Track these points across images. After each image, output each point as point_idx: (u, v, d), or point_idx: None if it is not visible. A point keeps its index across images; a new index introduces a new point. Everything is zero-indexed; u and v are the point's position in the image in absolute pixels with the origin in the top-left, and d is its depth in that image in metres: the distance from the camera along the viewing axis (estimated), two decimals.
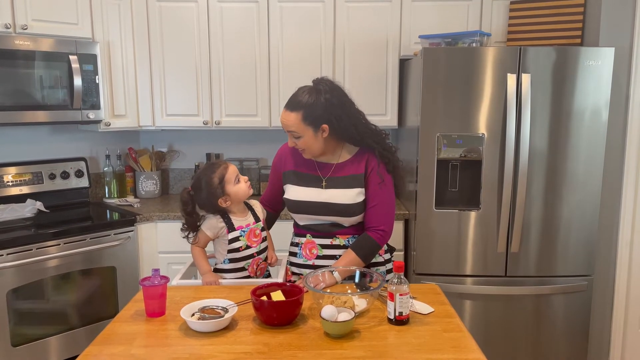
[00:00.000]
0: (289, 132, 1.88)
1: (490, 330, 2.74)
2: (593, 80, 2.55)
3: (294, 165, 2.01)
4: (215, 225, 1.94)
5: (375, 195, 1.91)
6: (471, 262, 2.70)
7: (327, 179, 1.94)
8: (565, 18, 2.85)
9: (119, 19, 3.04)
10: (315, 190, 1.94)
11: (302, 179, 1.97)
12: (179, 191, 3.61)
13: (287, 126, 1.87)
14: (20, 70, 2.62)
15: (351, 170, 1.93)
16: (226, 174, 1.91)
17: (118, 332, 1.54)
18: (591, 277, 2.71)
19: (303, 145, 1.89)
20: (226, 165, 1.95)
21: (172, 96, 3.20)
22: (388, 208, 1.94)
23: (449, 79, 2.57)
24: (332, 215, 1.93)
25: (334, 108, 1.83)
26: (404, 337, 1.49)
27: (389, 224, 1.94)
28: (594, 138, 2.59)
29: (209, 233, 1.95)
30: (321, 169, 1.96)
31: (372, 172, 1.91)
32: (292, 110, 1.84)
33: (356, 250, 1.89)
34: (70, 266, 2.64)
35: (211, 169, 1.93)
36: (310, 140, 1.87)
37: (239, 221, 1.96)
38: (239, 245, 1.93)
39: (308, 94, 1.84)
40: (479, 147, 2.61)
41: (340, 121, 1.85)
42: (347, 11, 3.10)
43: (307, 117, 1.83)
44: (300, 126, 1.84)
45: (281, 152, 2.09)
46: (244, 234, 1.94)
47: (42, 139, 3.16)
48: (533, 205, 2.64)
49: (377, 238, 1.91)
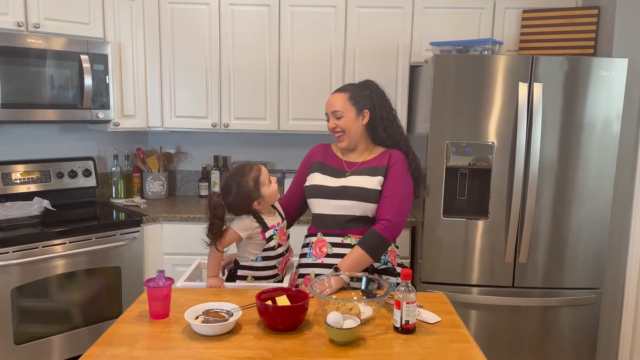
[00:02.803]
0: (332, 112, 1.99)
1: (496, 342, 2.71)
2: (605, 91, 2.52)
3: (322, 159, 2.09)
4: (250, 226, 1.92)
5: (389, 187, 1.95)
6: (478, 271, 2.67)
7: (350, 172, 2.01)
8: (578, 28, 2.83)
9: (130, 19, 3.05)
10: (337, 180, 2.00)
11: (327, 170, 2.05)
12: (186, 193, 3.65)
13: (333, 105, 1.99)
14: (31, 68, 2.63)
15: (374, 163, 2.00)
16: (260, 175, 1.92)
17: (121, 333, 1.53)
18: (600, 290, 2.68)
19: (344, 124, 1.98)
20: (259, 167, 1.95)
21: (182, 98, 3.21)
22: (400, 199, 1.94)
23: (460, 86, 2.56)
24: (349, 199, 1.94)
25: (378, 98, 2.01)
26: (410, 347, 1.47)
27: (393, 214, 1.91)
28: (605, 149, 2.57)
29: (243, 234, 1.93)
30: (347, 165, 2.04)
31: (393, 165, 1.97)
32: (341, 92, 2.02)
33: (361, 245, 1.89)
34: (75, 265, 2.64)
35: (242, 172, 1.93)
36: (351, 122, 1.98)
37: (270, 220, 1.96)
38: (273, 244, 1.94)
39: (357, 83, 2.07)
40: (489, 155, 2.59)
41: (382, 111, 2.01)
42: (358, 16, 3.09)
43: (353, 97, 1.99)
44: (345, 104, 1.98)
45: (311, 151, 2.19)
46: (276, 232, 1.95)
47: (51, 138, 3.17)
48: (542, 215, 2.61)
49: (380, 229, 1.90)
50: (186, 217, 2.97)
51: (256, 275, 1.95)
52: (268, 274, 1.96)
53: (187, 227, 2.95)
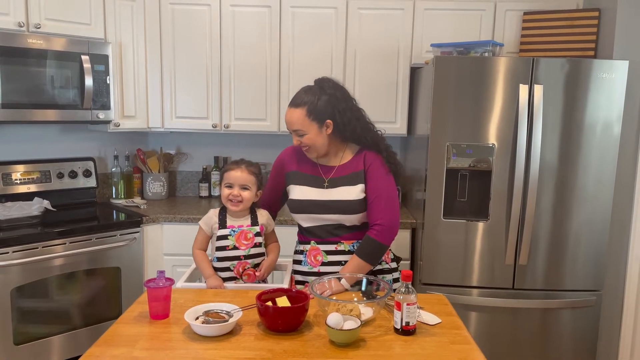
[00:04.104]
0: (293, 131, 1.90)
1: (496, 344, 2.70)
2: (606, 93, 2.52)
3: (297, 167, 2.02)
4: (210, 219, 1.98)
5: (374, 189, 1.90)
6: (478, 273, 2.67)
7: (329, 180, 1.95)
8: (579, 30, 2.83)
9: (131, 20, 3.05)
10: (317, 190, 1.94)
11: (305, 180, 1.98)
12: (186, 194, 3.65)
13: (292, 124, 1.89)
14: (32, 68, 2.63)
15: (351, 168, 1.94)
16: (225, 172, 1.97)
17: (121, 333, 1.53)
18: (600, 292, 2.67)
19: (308, 142, 1.89)
20: (238, 167, 1.97)
21: (182, 98, 3.21)
22: (385, 201, 1.89)
23: (460, 88, 2.56)
24: (333, 213, 1.92)
25: (337, 102, 1.88)
26: (411, 348, 1.47)
27: (386, 218, 1.87)
28: (605, 152, 2.56)
29: (203, 225, 1.99)
30: (323, 170, 1.98)
31: (370, 167, 1.92)
32: (297, 107, 1.88)
33: (359, 253, 1.88)
34: (75, 266, 2.63)
35: (234, 161, 2.01)
36: (314, 137, 1.89)
37: (232, 220, 1.96)
38: (227, 244, 1.93)
39: (311, 91, 1.91)
40: (489, 157, 2.58)
41: (344, 116, 1.88)
42: (359, 18, 3.09)
43: (311, 112, 1.87)
44: (305, 122, 1.87)
45: (284, 154, 2.10)
46: (233, 233, 1.94)
47: (51, 138, 3.17)
48: (542, 217, 2.61)
49: (374, 235, 1.87)
50: (186, 217, 2.96)
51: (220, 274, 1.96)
52: (224, 275, 1.95)
53: (187, 227, 2.95)
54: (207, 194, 3.56)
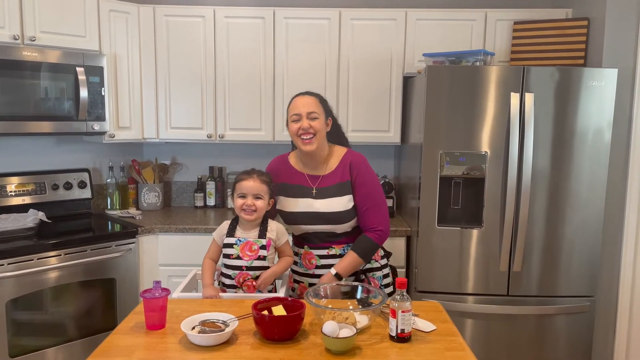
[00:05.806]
0: (307, 113, 1.98)
1: (492, 350, 2.71)
2: (596, 100, 2.56)
3: (284, 179, 2.11)
4: (222, 228, 2.01)
5: (368, 198, 2.03)
6: (473, 280, 2.69)
7: (316, 189, 2.05)
8: (568, 39, 2.88)
9: (126, 32, 3.07)
10: (306, 201, 2.04)
11: (293, 191, 2.08)
12: (182, 204, 3.65)
13: (308, 105, 2.00)
14: (27, 81, 2.64)
15: (337, 179, 2.04)
16: (237, 183, 1.98)
17: (117, 344, 1.53)
18: (594, 297, 2.69)
19: (318, 126, 1.99)
20: (250, 177, 1.97)
21: (177, 109, 3.22)
22: (382, 208, 2.07)
23: (453, 97, 2.59)
24: (325, 224, 2.04)
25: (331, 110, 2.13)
26: (406, 355, 1.48)
27: (385, 224, 2.06)
28: (596, 158, 2.60)
29: (215, 237, 2.02)
30: (310, 180, 2.07)
31: (357, 177, 2.03)
32: (312, 95, 2.05)
33: (355, 249, 2.01)
34: (71, 277, 2.63)
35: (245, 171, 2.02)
36: (322, 125, 2.02)
37: (241, 232, 1.99)
38: (231, 252, 1.95)
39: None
40: (482, 165, 2.61)
41: (336, 121, 2.15)
42: (352, 28, 3.13)
43: (322, 102, 2.06)
44: (319, 107, 2.02)
45: (271, 166, 2.17)
46: (239, 243, 1.95)
47: (46, 150, 3.17)
48: (536, 224, 2.63)
49: (375, 238, 2.03)
50: (182, 228, 2.97)
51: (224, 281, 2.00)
52: (229, 282, 1.98)
53: (183, 238, 2.95)
54: (203, 204, 3.56)
